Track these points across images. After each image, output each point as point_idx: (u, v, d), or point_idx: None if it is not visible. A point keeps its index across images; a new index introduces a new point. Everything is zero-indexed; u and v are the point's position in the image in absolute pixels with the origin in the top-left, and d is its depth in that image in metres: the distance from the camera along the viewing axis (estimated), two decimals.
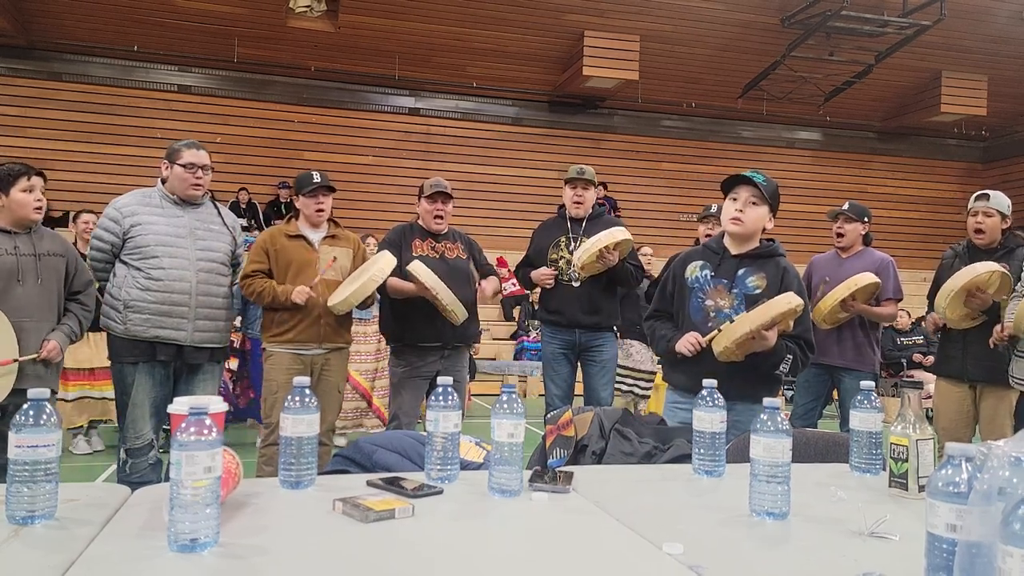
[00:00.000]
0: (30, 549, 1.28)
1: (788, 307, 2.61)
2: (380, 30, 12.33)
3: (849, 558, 1.36)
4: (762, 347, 2.65)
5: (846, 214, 4.51)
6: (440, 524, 1.49)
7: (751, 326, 2.58)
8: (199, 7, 11.71)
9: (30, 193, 3.22)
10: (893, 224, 14.74)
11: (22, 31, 11.77)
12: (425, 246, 4.11)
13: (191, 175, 3.52)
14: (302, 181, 3.93)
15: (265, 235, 3.99)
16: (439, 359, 4.10)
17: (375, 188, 13.08)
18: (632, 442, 2.26)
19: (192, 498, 1.25)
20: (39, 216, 3.27)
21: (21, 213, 3.21)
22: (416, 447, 2.01)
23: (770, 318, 2.59)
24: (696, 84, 13.94)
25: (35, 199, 3.23)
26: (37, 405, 1.38)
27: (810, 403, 4.56)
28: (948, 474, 1.14)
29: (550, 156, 13.85)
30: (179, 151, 3.55)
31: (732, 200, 2.82)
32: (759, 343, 2.64)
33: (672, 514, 1.63)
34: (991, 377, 3.90)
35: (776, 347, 2.67)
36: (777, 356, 2.70)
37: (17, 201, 3.20)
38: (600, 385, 4.44)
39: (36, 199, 3.23)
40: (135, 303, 3.41)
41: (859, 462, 1.99)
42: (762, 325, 2.59)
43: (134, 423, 3.46)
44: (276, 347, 3.84)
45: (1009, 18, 12.52)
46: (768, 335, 2.62)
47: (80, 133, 12.32)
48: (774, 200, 2.82)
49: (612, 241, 4.09)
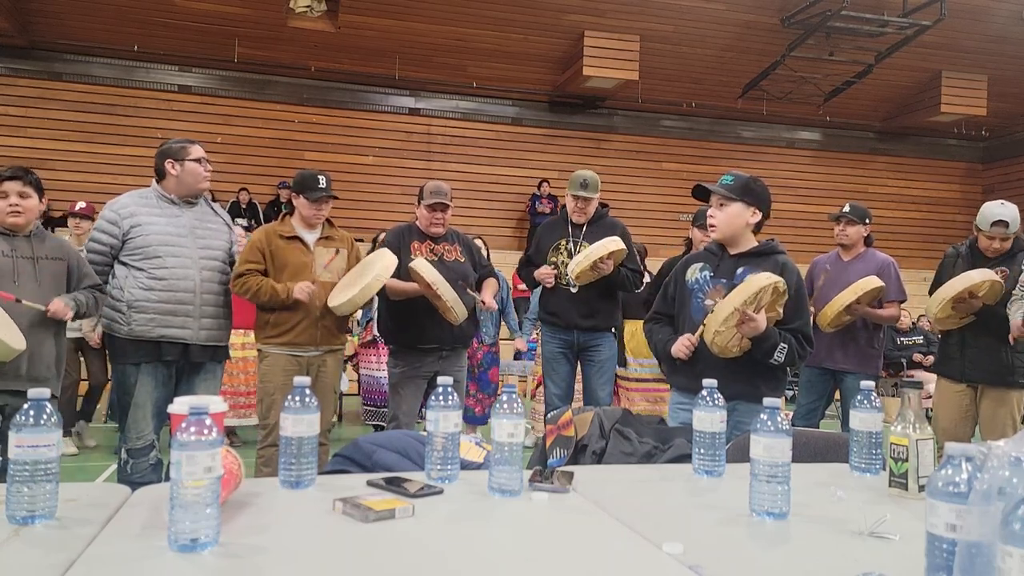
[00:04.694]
0: (30, 549, 1.28)
1: (768, 281, 2.63)
2: (380, 30, 12.32)
3: (849, 558, 1.36)
4: (753, 331, 2.66)
5: (847, 217, 4.50)
6: (440, 524, 1.49)
7: (734, 305, 2.61)
8: (199, 7, 11.70)
9: (3, 200, 3.14)
10: (893, 224, 14.72)
11: (22, 31, 11.76)
12: (424, 248, 4.09)
13: (203, 168, 3.59)
14: (306, 182, 3.83)
15: (259, 234, 3.88)
16: (437, 360, 4.09)
17: (375, 188, 13.07)
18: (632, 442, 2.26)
19: (192, 498, 1.25)
20: (17, 220, 3.17)
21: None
22: (416, 447, 2.00)
23: (752, 293, 2.61)
24: (696, 84, 13.93)
25: (8, 205, 3.14)
26: (37, 405, 1.38)
27: (812, 403, 4.56)
28: (948, 474, 1.14)
29: (550, 156, 13.85)
30: (185, 148, 3.56)
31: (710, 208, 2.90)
32: (749, 326, 2.64)
33: (672, 514, 1.63)
34: (990, 378, 3.90)
35: (768, 332, 2.69)
36: (770, 341, 2.70)
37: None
38: (598, 385, 4.44)
39: (10, 205, 3.14)
40: (139, 303, 3.41)
41: (859, 462, 1.99)
42: (745, 302, 2.60)
43: (136, 423, 3.45)
44: (272, 348, 3.80)
45: (1009, 18, 12.51)
46: (757, 317, 2.63)
47: (81, 133, 12.31)
48: (748, 194, 2.83)
49: (605, 252, 4.09)
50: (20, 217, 3.18)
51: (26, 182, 3.20)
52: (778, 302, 2.74)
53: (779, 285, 2.67)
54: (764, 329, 2.67)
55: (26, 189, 3.20)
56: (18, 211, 3.17)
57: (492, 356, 6.13)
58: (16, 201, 3.17)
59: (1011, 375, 3.87)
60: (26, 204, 3.19)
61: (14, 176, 3.19)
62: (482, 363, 6.06)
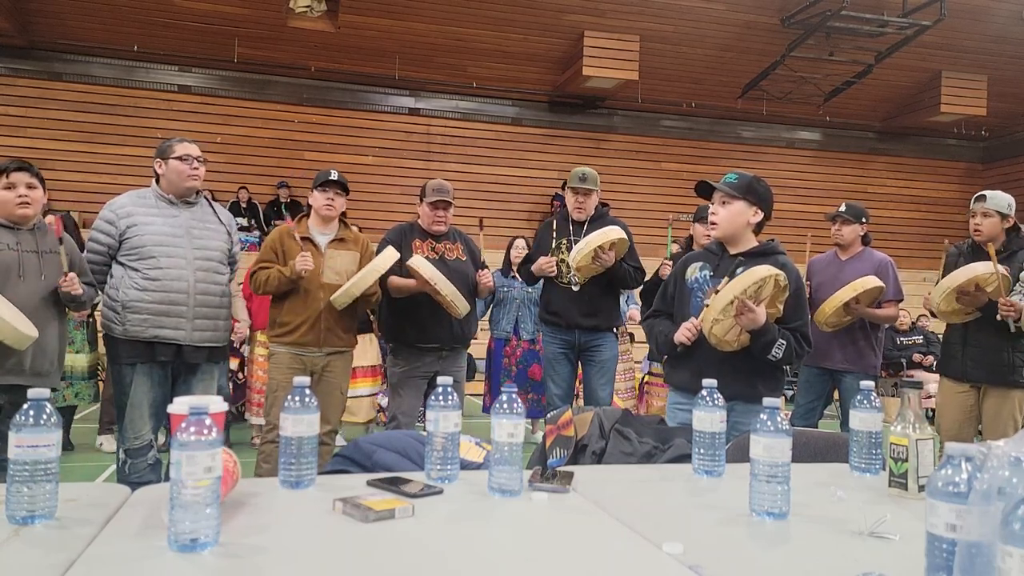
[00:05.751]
0: (30, 549, 1.28)
1: (769, 273, 2.63)
2: (380, 30, 12.33)
3: (849, 558, 1.36)
4: (752, 324, 2.66)
5: (843, 216, 4.50)
6: (440, 524, 1.49)
7: (734, 293, 2.61)
8: (199, 7, 11.71)
9: (11, 190, 3.18)
10: (893, 224, 14.74)
11: (22, 31, 11.77)
12: (425, 247, 4.12)
13: (187, 166, 3.52)
14: (318, 176, 4.02)
15: (275, 234, 4.05)
16: (437, 359, 4.10)
17: (375, 188, 13.07)
18: (632, 442, 2.26)
19: (192, 498, 1.25)
20: (27, 211, 3.20)
21: (5, 211, 3.19)
22: (416, 447, 2.00)
23: (752, 283, 2.62)
24: (696, 84, 13.94)
25: (17, 195, 3.18)
26: (37, 405, 1.38)
27: (811, 403, 4.56)
28: (948, 474, 1.14)
29: (550, 156, 13.85)
30: (170, 146, 3.56)
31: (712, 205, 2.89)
32: (747, 317, 2.65)
33: (672, 514, 1.63)
34: (991, 377, 3.89)
35: (767, 326, 2.69)
36: (768, 336, 2.70)
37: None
38: (599, 385, 4.44)
39: (19, 195, 3.18)
40: (133, 303, 3.41)
41: (859, 462, 1.99)
42: (745, 292, 2.61)
43: (132, 424, 3.45)
44: (278, 346, 3.91)
45: (1009, 18, 12.51)
46: (756, 309, 2.63)
47: (80, 133, 12.32)
48: (750, 193, 2.82)
49: (606, 241, 4.06)
50: (29, 208, 3.22)
51: (32, 173, 3.26)
52: (779, 298, 2.74)
53: (780, 279, 2.67)
54: (763, 323, 2.67)
55: (33, 180, 3.25)
56: (27, 202, 3.21)
57: (532, 353, 6.07)
58: (25, 192, 3.21)
59: (1012, 374, 3.86)
60: (34, 195, 3.24)
61: (22, 167, 3.24)
62: (521, 360, 6.05)
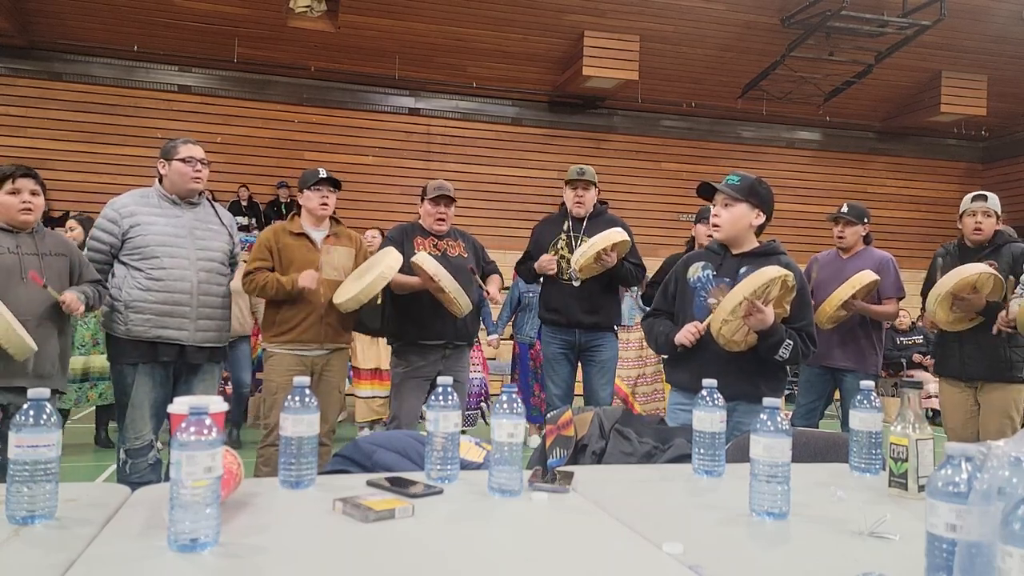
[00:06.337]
0: (30, 549, 1.28)
1: (778, 274, 2.63)
2: (380, 30, 12.32)
3: (849, 558, 1.36)
4: (760, 324, 2.66)
5: (845, 217, 4.50)
6: (440, 524, 1.49)
7: (744, 294, 2.61)
8: (199, 7, 11.70)
9: (16, 196, 3.18)
10: (893, 224, 14.72)
11: (22, 31, 11.76)
12: (427, 244, 4.12)
13: (190, 168, 3.53)
14: (307, 176, 3.95)
15: (268, 232, 3.98)
16: (440, 358, 4.10)
17: (375, 188, 13.06)
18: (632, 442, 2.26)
19: (192, 498, 1.25)
20: (28, 217, 3.21)
21: (7, 216, 3.19)
22: (416, 447, 2.00)
23: (761, 284, 2.61)
24: (696, 84, 13.93)
25: (21, 201, 3.18)
26: (37, 405, 1.38)
27: (812, 403, 4.56)
28: (948, 474, 1.14)
29: (550, 156, 13.84)
30: (175, 147, 3.56)
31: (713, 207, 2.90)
32: (756, 318, 2.64)
33: (672, 514, 1.63)
34: (989, 374, 3.90)
35: (775, 327, 2.68)
36: (776, 336, 2.70)
37: (2, 203, 3.18)
38: (600, 385, 4.44)
39: (23, 201, 3.18)
40: (136, 303, 3.41)
41: (859, 462, 1.99)
42: (754, 293, 2.60)
43: (133, 424, 3.46)
44: (277, 348, 3.85)
45: (1009, 18, 12.50)
46: (765, 309, 2.63)
47: (80, 133, 12.31)
48: (753, 195, 2.83)
49: (608, 243, 4.07)
50: (31, 215, 3.22)
51: (37, 181, 3.27)
52: (786, 298, 2.74)
53: (788, 279, 2.67)
54: (771, 323, 2.67)
55: (37, 187, 3.25)
56: (29, 208, 3.22)
57: None
58: (28, 198, 3.21)
59: (1010, 370, 3.87)
60: (36, 202, 3.25)
61: (28, 174, 3.24)
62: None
